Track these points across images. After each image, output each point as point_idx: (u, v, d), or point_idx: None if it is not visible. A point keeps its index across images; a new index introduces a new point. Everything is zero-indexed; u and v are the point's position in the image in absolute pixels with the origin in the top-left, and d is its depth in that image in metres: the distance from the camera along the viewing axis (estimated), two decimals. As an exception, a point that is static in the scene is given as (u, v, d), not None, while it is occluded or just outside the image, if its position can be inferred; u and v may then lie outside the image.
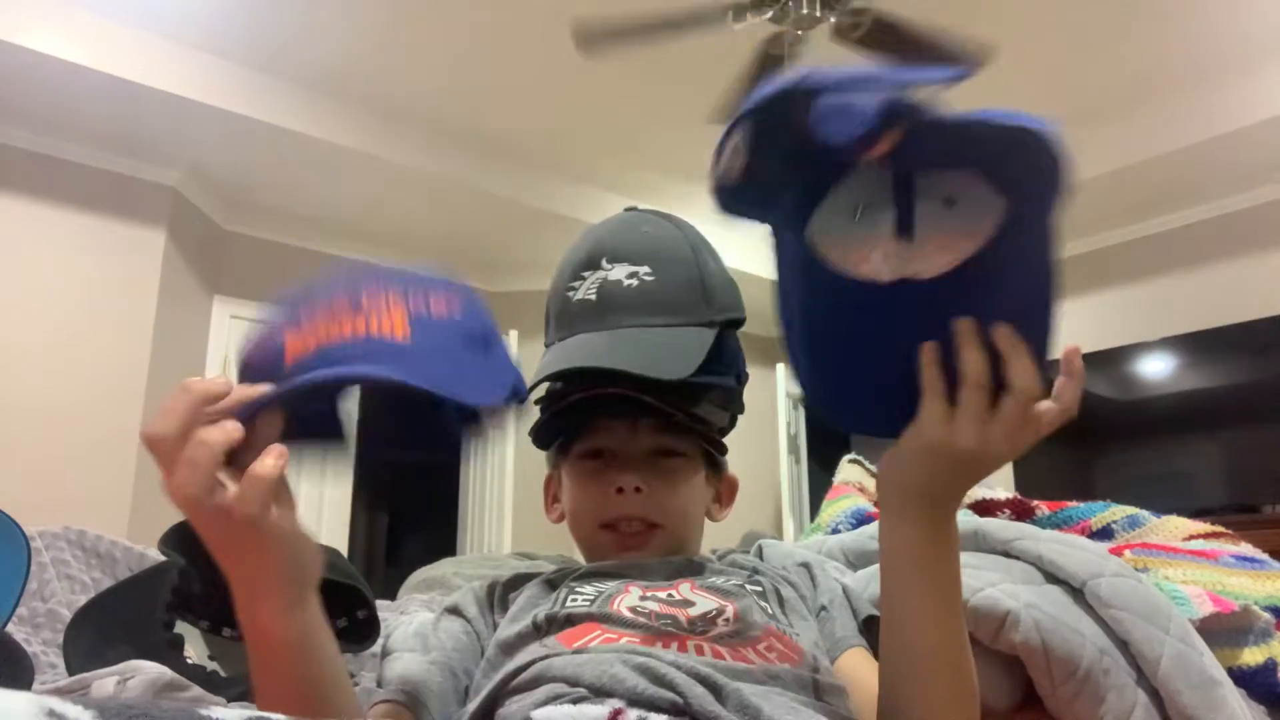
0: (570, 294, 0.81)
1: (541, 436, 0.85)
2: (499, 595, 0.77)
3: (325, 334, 0.54)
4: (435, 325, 0.57)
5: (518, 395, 0.61)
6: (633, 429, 0.79)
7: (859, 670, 0.68)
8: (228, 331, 4.23)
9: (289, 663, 0.54)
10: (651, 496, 0.78)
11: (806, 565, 0.81)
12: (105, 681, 0.75)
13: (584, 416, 0.80)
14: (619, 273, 0.80)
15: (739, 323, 0.82)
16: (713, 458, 0.85)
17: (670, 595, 0.69)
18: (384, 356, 0.53)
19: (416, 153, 3.97)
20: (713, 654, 0.61)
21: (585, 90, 3.67)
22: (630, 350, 0.75)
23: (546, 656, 0.60)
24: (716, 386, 0.81)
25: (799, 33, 2.88)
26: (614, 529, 0.78)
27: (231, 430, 0.49)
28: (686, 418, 0.78)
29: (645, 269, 0.80)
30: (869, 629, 0.72)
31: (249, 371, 0.55)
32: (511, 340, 4.61)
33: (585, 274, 0.81)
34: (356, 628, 1.04)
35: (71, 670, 0.88)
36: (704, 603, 0.68)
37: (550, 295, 0.86)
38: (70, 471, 3.38)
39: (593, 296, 0.80)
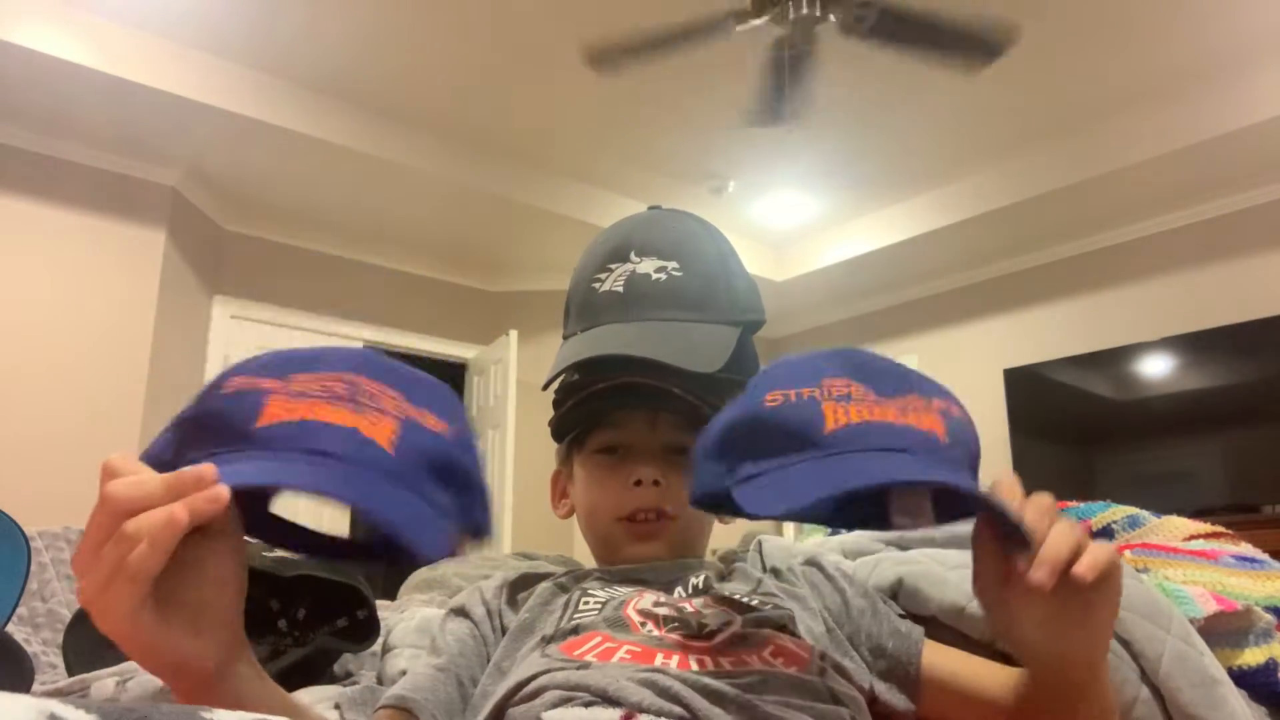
0: (596, 285, 0.81)
1: (559, 428, 0.85)
2: (506, 596, 0.77)
3: (312, 411, 0.51)
4: (423, 443, 0.54)
5: (479, 533, 0.58)
6: (652, 423, 0.79)
7: (950, 660, 0.71)
8: (227, 331, 4.24)
9: None
10: (668, 490, 0.78)
11: (812, 563, 0.81)
12: (105, 682, 0.75)
13: (602, 408, 0.80)
14: (647, 266, 0.80)
15: (759, 325, 0.83)
16: None
17: (684, 609, 0.69)
18: (358, 462, 0.50)
19: (416, 153, 3.98)
20: (714, 664, 0.61)
21: (585, 91, 3.67)
22: (659, 341, 0.75)
23: (549, 670, 0.60)
24: (739, 384, 0.82)
25: (800, 31, 2.88)
26: (630, 520, 0.78)
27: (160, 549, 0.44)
28: (712, 410, 0.78)
29: (674, 264, 0.80)
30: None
31: (215, 416, 0.51)
32: (511, 340, 4.61)
33: (613, 266, 0.81)
34: (356, 627, 1.04)
35: (71, 670, 0.88)
36: (715, 615, 0.68)
37: (573, 287, 0.85)
38: (70, 471, 3.38)
39: (620, 288, 0.80)
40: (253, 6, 3.17)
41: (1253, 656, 0.77)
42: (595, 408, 0.80)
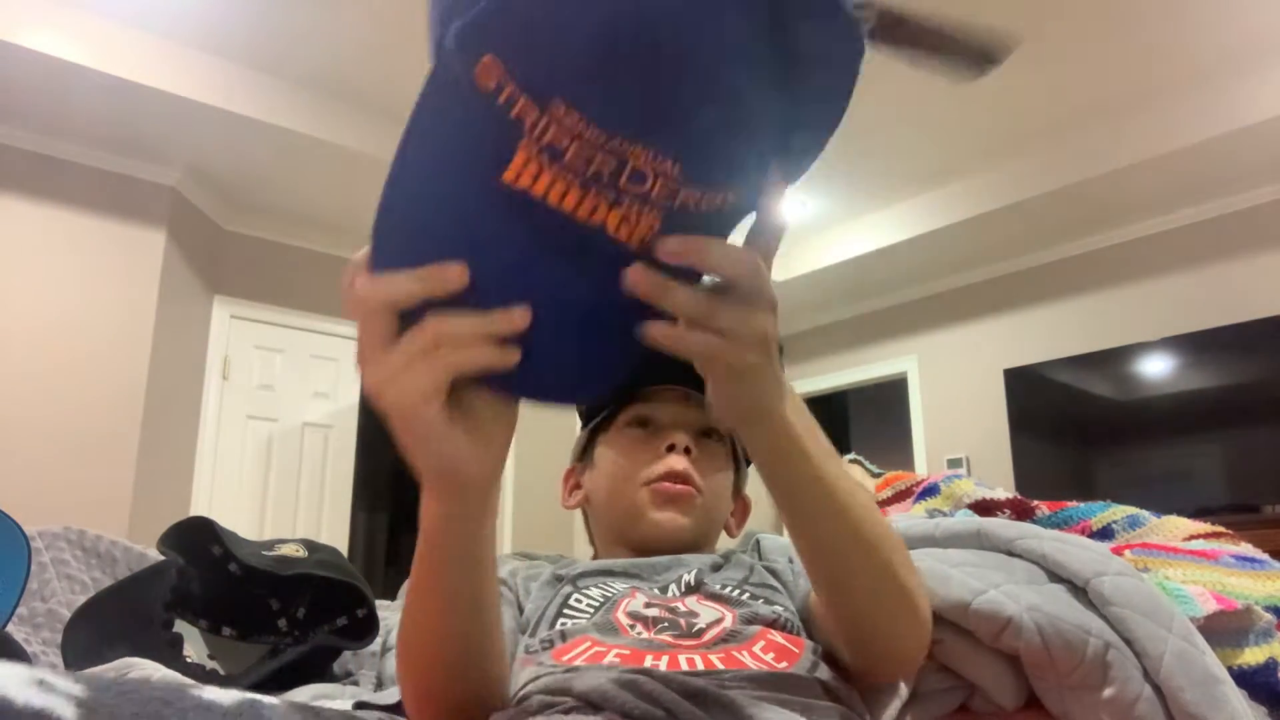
0: None
1: (590, 408, 0.88)
2: (522, 583, 0.79)
3: (558, 192, 0.42)
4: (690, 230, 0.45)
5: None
6: (684, 400, 0.83)
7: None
8: (228, 331, 4.23)
9: (435, 565, 0.54)
10: (698, 463, 0.81)
11: (791, 557, 0.82)
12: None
13: (637, 382, 0.83)
14: None
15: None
16: (738, 471, 0.89)
17: (676, 609, 0.69)
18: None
19: (416, 153, 3.97)
20: (704, 663, 0.61)
21: (585, 90, 3.68)
22: None
23: (539, 677, 0.61)
24: None
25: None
26: (660, 482, 0.80)
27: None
28: None
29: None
30: None
31: (470, 120, 0.41)
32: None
33: None
34: (356, 625, 1.04)
35: (70, 669, 0.88)
36: (707, 613, 0.69)
37: None
38: (70, 471, 3.38)
39: None
40: (253, 6, 3.17)
41: (1253, 656, 0.77)
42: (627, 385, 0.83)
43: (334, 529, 4.31)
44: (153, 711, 0.23)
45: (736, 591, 0.73)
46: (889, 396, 5.84)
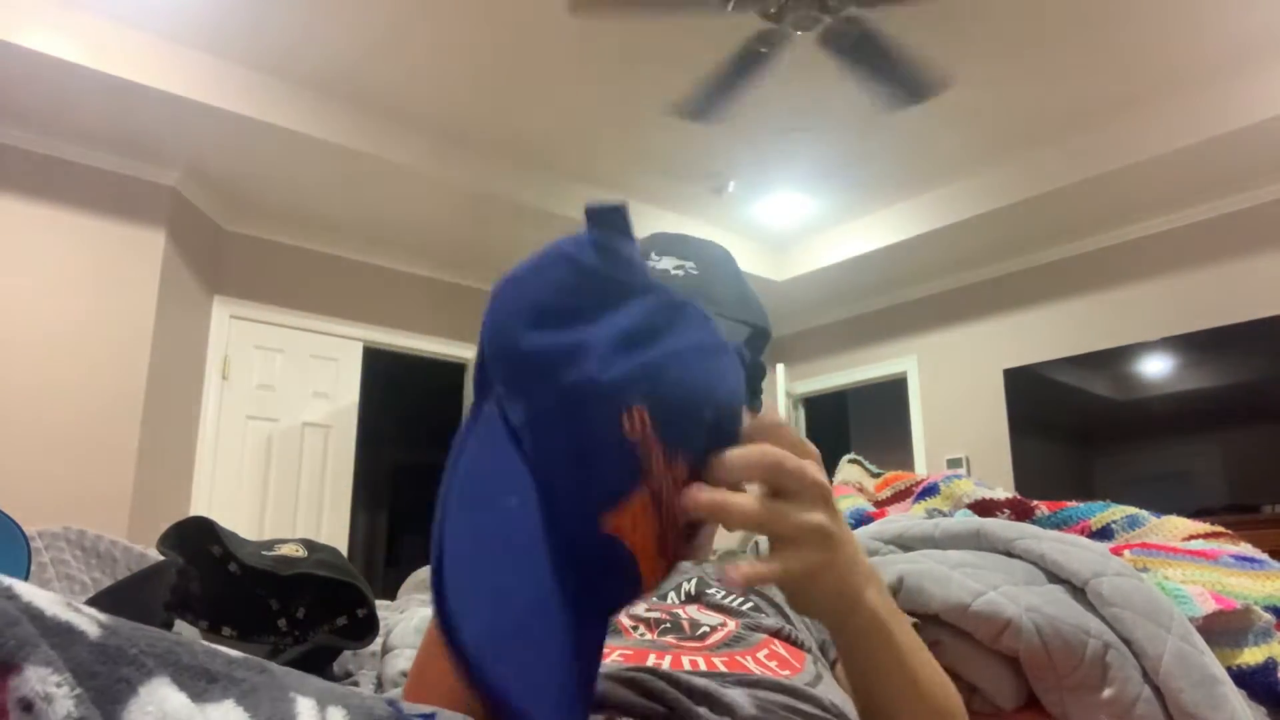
0: None
1: None
2: None
3: (652, 552, 0.42)
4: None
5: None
6: None
7: None
8: (228, 331, 4.23)
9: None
10: None
11: None
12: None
13: None
14: (666, 264, 0.84)
15: (766, 335, 0.84)
16: None
17: (677, 614, 0.68)
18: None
19: (416, 153, 3.98)
20: (707, 664, 0.61)
21: (585, 90, 3.67)
22: None
23: None
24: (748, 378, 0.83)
25: (798, 33, 2.88)
26: None
27: None
28: None
29: (691, 264, 0.84)
30: None
31: (590, 461, 0.41)
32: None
33: None
34: (356, 626, 1.04)
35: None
36: (708, 619, 0.68)
37: None
38: (70, 471, 3.38)
39: None
40: (253, 6, 3.17)
41: (1252, 656, 0.77)
42: None
43: (334, 529, 4.31)
44: (165, 648, 0.26)
45: (739, 601, 0.72)
46: (889, 396, 5.84)
